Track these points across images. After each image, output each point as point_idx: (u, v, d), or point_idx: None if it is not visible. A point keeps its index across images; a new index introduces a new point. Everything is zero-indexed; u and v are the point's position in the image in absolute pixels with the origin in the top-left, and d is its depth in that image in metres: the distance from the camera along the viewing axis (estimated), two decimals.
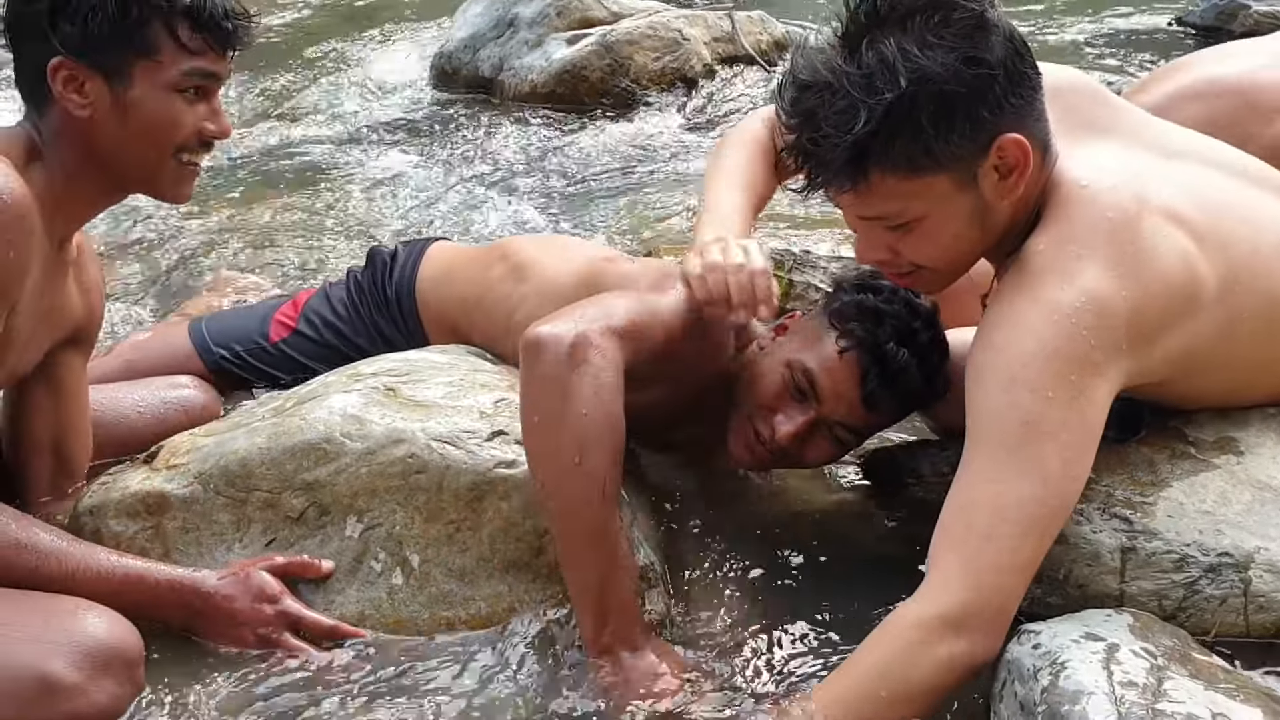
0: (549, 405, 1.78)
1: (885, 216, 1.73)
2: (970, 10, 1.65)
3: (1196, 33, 5.17)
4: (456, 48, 5.02)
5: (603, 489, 1.76)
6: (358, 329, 2.52)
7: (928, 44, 1.62)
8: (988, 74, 1.64)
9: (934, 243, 1.75)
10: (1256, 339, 1.80)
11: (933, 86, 1.62)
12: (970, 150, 1.67)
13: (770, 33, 5.00)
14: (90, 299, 2.16)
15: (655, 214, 3.63)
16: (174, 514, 1.93)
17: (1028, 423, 1.64)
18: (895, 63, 1.61)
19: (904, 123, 1.62)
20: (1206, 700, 1.47)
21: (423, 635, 1.88)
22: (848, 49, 1.66)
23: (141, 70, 1.87)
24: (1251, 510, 1.78)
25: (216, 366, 2.54)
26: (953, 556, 1.64)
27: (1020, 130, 1.68)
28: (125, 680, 1.74)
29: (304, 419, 1.96)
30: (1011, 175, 1.70)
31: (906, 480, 2.24)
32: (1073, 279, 1.67)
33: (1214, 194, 1.82)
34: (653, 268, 2.26)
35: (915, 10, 1.64)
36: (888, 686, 1.61)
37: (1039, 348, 1.65)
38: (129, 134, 1.89)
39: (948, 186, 1.69)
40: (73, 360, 2.18)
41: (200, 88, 1.91)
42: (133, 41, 1.86)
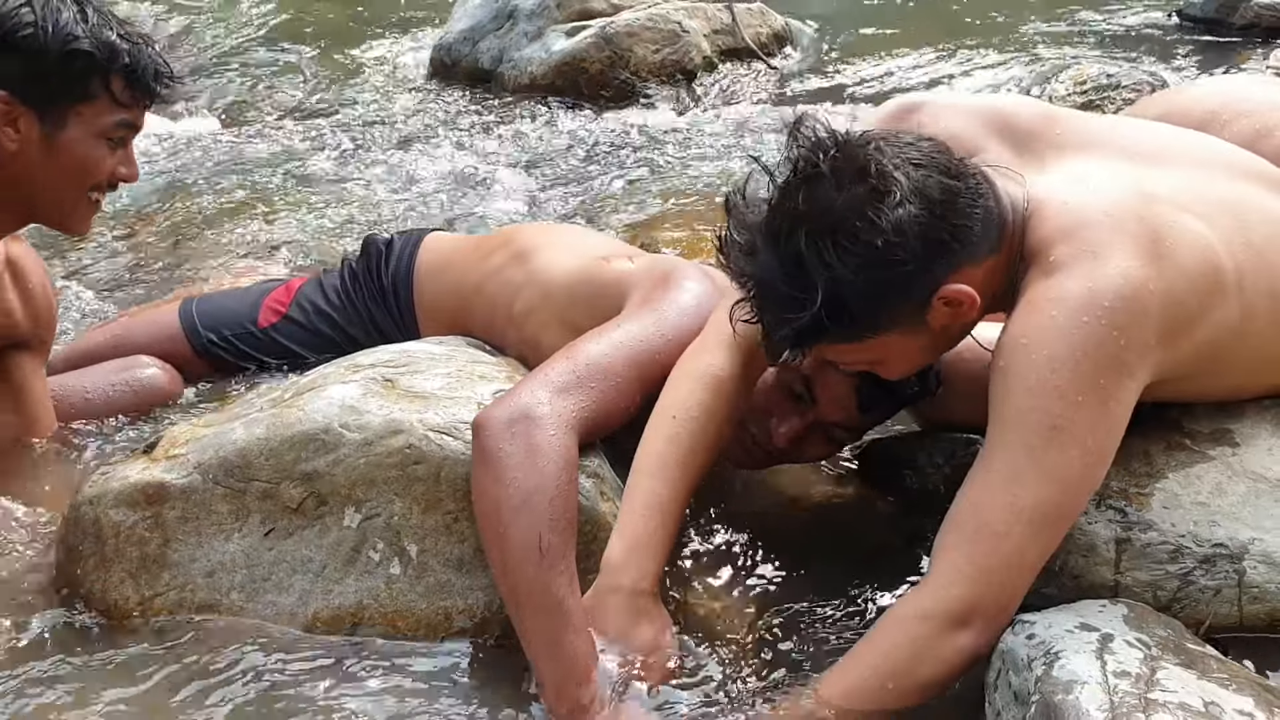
0: (480, 475, 1.81)
1: (845, 363, 1.82)
2: (872, 220, 1.62)
3: (1197, 25, 5.17)
4: (455, 40, 5.02)
5: (539, 553, 1.74)
6: (350, 318, 2.52)
7: (840, 247, 1.63)
8: (904, 269, 1.65)
9: (900, 370, 1.83)
10: (1266, 333, 1.79)
11: (850, 290, 1.64)
12: (908, 314, 1.70)
13: (770, 25, 5.00)
14: (34, 305, 2.23)
15: (654, 206, 3.63)
16: (173, 504, 1.94)
17: (1056, 428, 1.63)
18: (811, 267, 1.63)
19: (832, 319, 1.65)
20: (1199, 690, 1.48)
21: (421, 625, 1.89)
22: (771, 236, 1.68)
23: (75, 115, 2.01)
24: (1246, 502, 1.79)
25: (204, 350, 2.54)
26: (963, 552, 1.65)
27: (962, 267, 1.69)
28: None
29: (302, 410, 1.97)
30: (962, 307, 1.71)
31: (902, 472, 2.25)
32: (1098, 275, 1.65)
33: (1200, 189, 1.81)
34: (651, 268, 2.25)
35: (823, 214, 1.64)
36: (894, 679, 1.63)
37: (1069, 351, 1.63)
38: (53, 171, 2.03)
39: (896, 338, 1.73)
40: (27, 362, 2.25)
41: (123, 137, 2.07)
42: (72, 89, 2.00)
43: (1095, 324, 1.63)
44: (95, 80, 1.99)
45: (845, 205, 1.64)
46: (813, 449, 2.12)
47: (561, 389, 1.89)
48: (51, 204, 2.06)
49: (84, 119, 2.01)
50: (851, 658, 1.68)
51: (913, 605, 1.67)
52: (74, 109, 2.00)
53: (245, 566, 1.92)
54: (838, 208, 1.64)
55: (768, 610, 1.94)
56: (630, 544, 1.82)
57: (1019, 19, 5.39)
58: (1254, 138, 2.03)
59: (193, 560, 1.93)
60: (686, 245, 3.14)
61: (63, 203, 2.06)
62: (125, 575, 1.94)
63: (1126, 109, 2.95)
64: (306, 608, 1.91)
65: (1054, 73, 4.44)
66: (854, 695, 1.63)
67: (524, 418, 1.82)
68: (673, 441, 1.89)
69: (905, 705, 1.63)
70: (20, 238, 2.20)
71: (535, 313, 2.29)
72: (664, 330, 2.02)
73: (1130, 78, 4.28)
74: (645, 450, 1.90)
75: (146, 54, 2.04)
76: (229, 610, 1.91)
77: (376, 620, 1.89)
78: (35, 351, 2.25)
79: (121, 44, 2.00)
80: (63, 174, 2.02)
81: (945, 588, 1.64)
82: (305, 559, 1.92)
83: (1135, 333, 1.65)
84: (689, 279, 2.13)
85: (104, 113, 2.01)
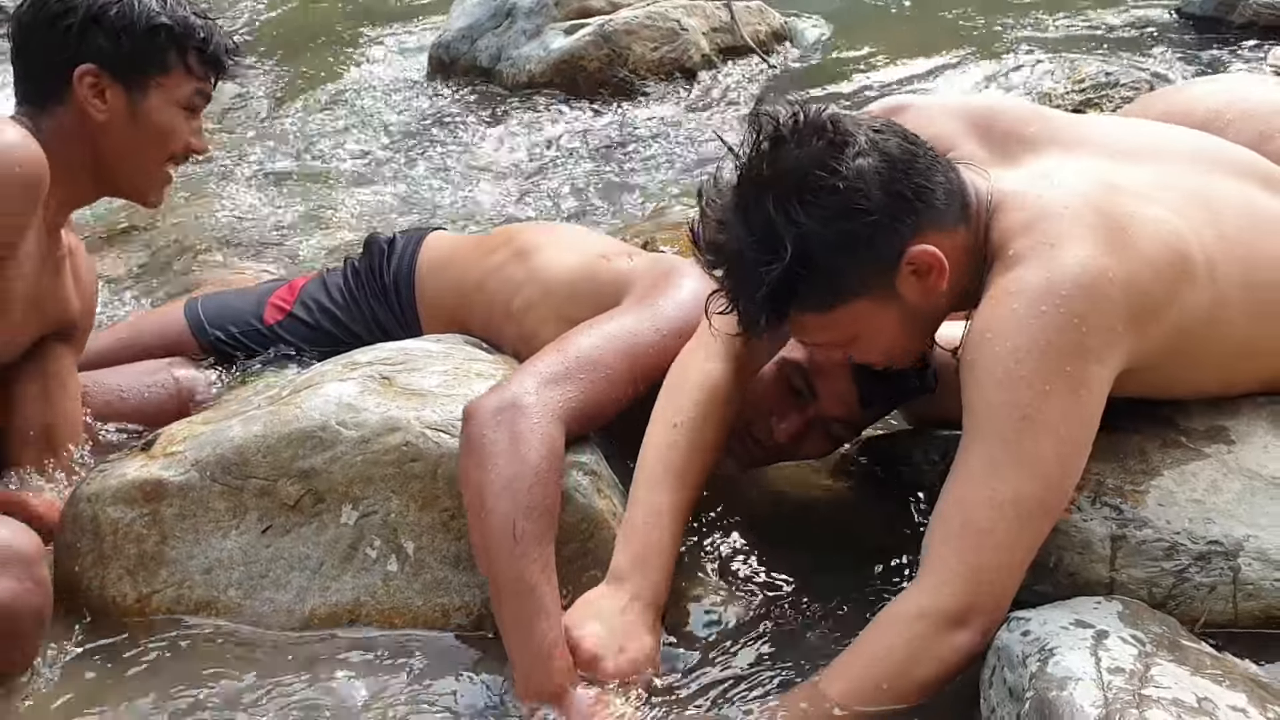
0: (464, 461, 1.83)
1: (820, 342, 1.82)
2: (834, 169, 1.68)
3: (1196, 23, 5.16)
4: (454, 38, 5.02)
5: (512, 538, 1.75)
6: (354, 315, 2.53)
7: (805, 203, 1.68)
8: (869, 219, 1.69)
9: (877, 349, 1.83)
10: (1241, 320, 1.80)
11: (817, 243, 1.68)
12: (877, 275, 1.73)
13: (769, 23, 5.00)
14: (84, 294, 2.29)
15: (652, 204, 3.63)
16: (171, 501, 1.94)
17: (1026, 418, 1.64)
18: (778, 226, 1.68)
19: (800, 280, 1.68)
20: (1193, 686, 1.48)
21: (418, 622, 1.89)
22: (739, 210, 1.73)
23: (155, 86, 2.16)
24: (1241, 499, 1.79)
25: (211, 347, 2.56)
26: (951, 551, 1.65)
27: (932, 231, 1.73)
28: (25, 577, 1.76)
29: (300, 407, 1.97)
30: (930, 275, 1.73)
31: (899, 468, 2.26)
32: (1055, 266, 1.67)
33: (1170, 181, 1.82)
34: (651, 266, 2.25)
35: (782, 176, 1.69)
36: (891, 679, 1.63)
37: (1031, 341, 1.65)
38: (138, 139, 2.16)
39: (869, 306, 1.75)
40: (63, 353, 2.27)
41: (196, 107, 2.22)
42: (153, 61, 2.15)
43: (1054, 312, 1.65)
44: (173, 53, 2.16)
45: (807, 158, 1.69)
46: (812, 445, 2.13)
47: (550, 380, 1.90)
48: (134, 171, 2.19)
49: (164, 89, 2.16)
50: (848, 657, 1.68)
51: (907, 605, 1.67)
52: (154, 80, 2.15)
53: (243, 564, 1.93)
54: (800, 162, 1.69)
55: (763, 607, 1.94)
56: (634, 556, 1.82)
57: (1018, 17, 5.38)
58: (1258, 140, 2.03)
59: (190, 557, 1.94)
60: (684, 244, 3.14)
61: (145, 171, 2.19)
62: (123, 572, 1.94)
63: (1127, 107, 2.95)
64: (304, 605, 1.91)
65: (1053, 71, 4.44)
66: (851, 695, 1.63)
67: (511, 406, 1.84)
68: (672, 448, 1.90)
69: (903, 704, 1.64)
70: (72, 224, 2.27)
71: (534, 309, 2.30)
72: (658, 324, 2.03)
73: (1129, 76, 4.28)
74: (645, 459, 1.91)
75: (216, 30, 2.21)
76: (226, 607, 1.92)
77: (374, 617, 1.90)
78: (74, 342, 2.31)
79: (195, 20, 2.18)
80: (146, 141, 2.16)
81: (938, 586, 1.65)
82: (302, 556, 1.92)
83: (1097, 319, 1.66)
84: (687, 276, 2.14)
85: (181, 83, 2.17)
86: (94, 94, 2.11)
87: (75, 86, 2.10)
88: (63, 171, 2.06)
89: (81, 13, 2.10)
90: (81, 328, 2.31)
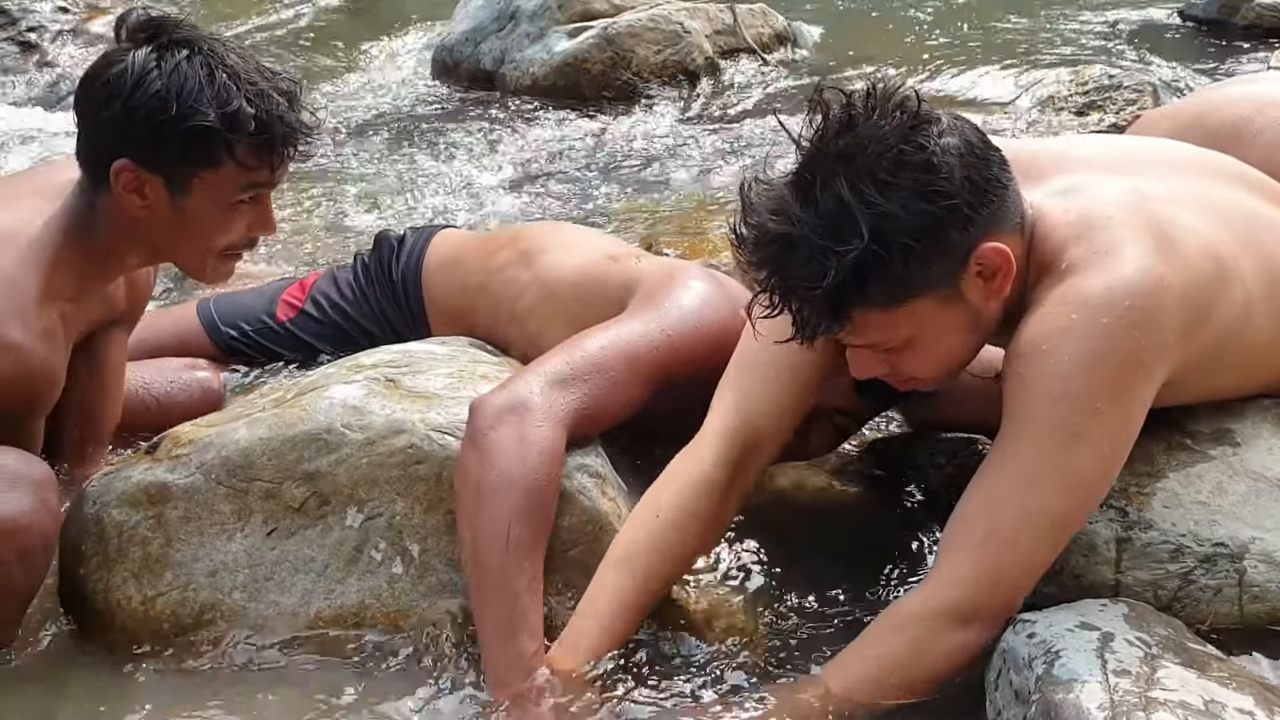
0: (465, 455, 1.84)
1: (874, 344, 1.71)
2: (920, 144, 1.60)
3: (1199, 26, 5.16)
4: (457, 40, 5.02)
5: (505, 541, 1.75)
6: (364, 311, 2.54)
7: (883, 184, 1.58)
8: (950, 203, 1.60)
9: (928, 358, 1.73)
10: (1266, 321, 1.79)
11: (896, 227, 1.58)
12: (948, 270, 1.65)
13: (772, 25, 5.00)
14: (137, 287, 2.25)
15: (656, 206, 3.63)
16: (176, 504, 1.94)
17: (1074, 435, 1.61)
18: (853, 208, 1.57)
19: (874, 268, 1.59)
20: (1199, 689, 1.48)
21: (422, 624, 1.89)
22: (802, 194, 1.61)
23: (199, 182, 1.96)
24: (1247, 501, 1.79)
25: (226, 345, 2.57)
26: (970, 554, 1.64)
27: (997, 232, 1.66)
28: (36, 500, 1.80)
29: (305, 410, 1.97)
30: (996, 278, 1.67)
31: (905, 471, 2.26)
32: (1115, 274, 1.62)
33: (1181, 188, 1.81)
34: (658, 268, 2.25)
35: (863, 150, 1.60)
36: (896, 675, 1.64)
37: (1090, 356, 1.60)
38: (182, 236, 2.01)
39: (933, 306, 1.66)
40: (114, 335, 2.27)
41: (257, 197, 2.02)
42: (194, 155, 1.94)
43: (1115, 324, 1.60)
44: (220, 147, 1.94)
45: (890, 132, 1.59)
46: (817, 439, 2.13)
47: (556, 382, 1.90)
48: (187, 261, 2.08)
49: (209, 185, 1.96)
50: (853, 651, 1.68)
51: (916, 602, 1.67)
52: (198, 176, 1.96)
53: (247, 566, 1.93)
54: (883, 136, 1.59)
55: (768, 607, 1.94)
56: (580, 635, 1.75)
57: (1020, 20, 5.39)
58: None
59: (195, 560, 1.93)
60: (689, 246, 3.14)
61: (194, 261, 2.07)
62: (128, 575, 1.94)
63: (1153, 111, 2.92)
64: (309, 607, 1.91)
65: (1057, 74, 4.44)
66: (855, 689, 1.64)
67: (517, 407, 1.84)
68: (650, 536, 1.81)
69: (905, 700, 1.64)
70: None
71: (538, 311, 2.30)
72: (665, 327, 2.03)
73: (1132, 79, 4.28)
74: (620, 538, 1.83)
75: (276, 116, 1.96)
76: (231, 610, 1.91)
77: (379, 620, 1.90)
78: (123, 326, 2.29)
79: (247, 109, 1.93)
80: (191, 239, 2.01)
81: (950, 587, 1.64)
82: (307, 559, 1.92)
83: (1154, 332, 1.63)
84: (694, 279, 2.14)
85: (230, 179, 1.97)
86: (132, 189, 1.96)
87: (112, 181, 1.95)
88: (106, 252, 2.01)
89: (120, 102, 1.92)
90: (134, 311, 2.29)
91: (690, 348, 2.02)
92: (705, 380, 2.04)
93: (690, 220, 3.42)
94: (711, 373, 2.06)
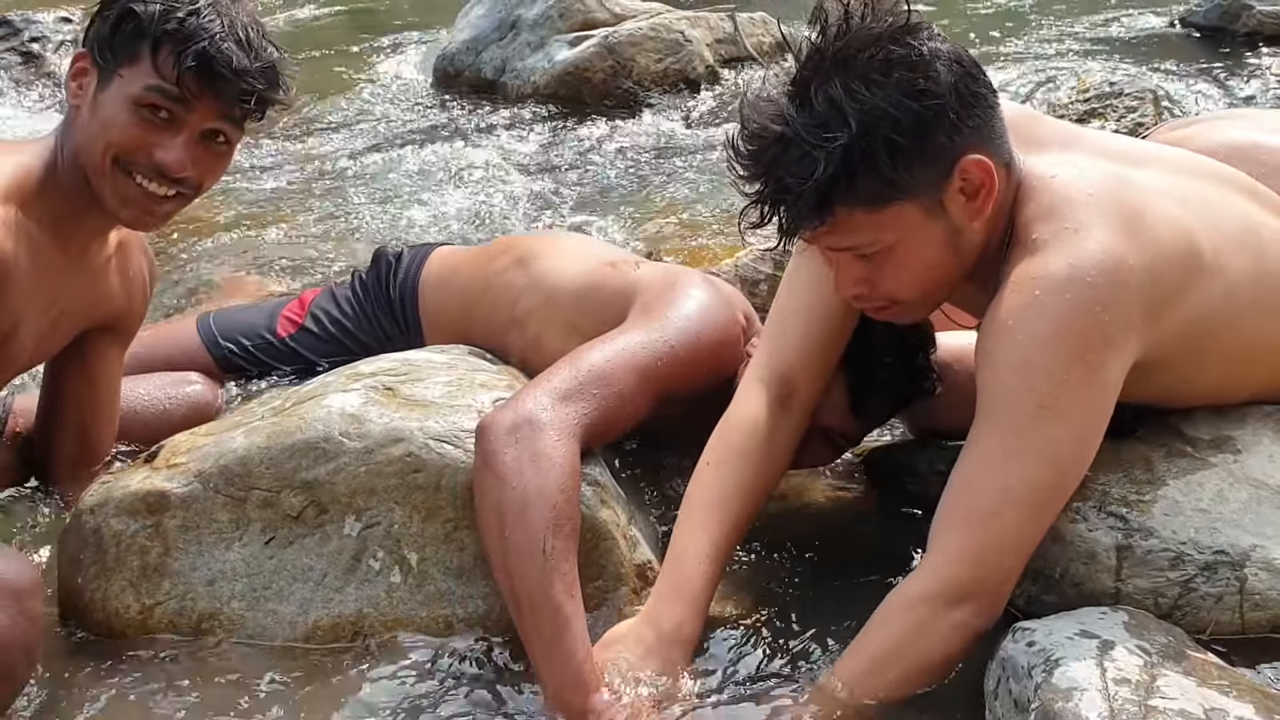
0: (483, 478, 1.82)
1: (857, 246, 1.75)
2: (909, 45, 1.67)
3: (1200, 33, 5.17)
4: (459, 49, 5.03)
5: (541, 556, 1.74)
6: (362, 327, 2.56)
7: (873, 82, 1.65)
8: (936, 103, 1.66)
9: (909, 271, 1.76)
10: (1248, 317, 1.80)
11: (884, 122, 1.64)
12: (932, 176, 1.69)
13: (772, 34, 5.01)
14: (131, 289, 2.22)
15: (657, 215, 3.63)
16: (174, 512, 1.94)
17: (1043, 406, 1.65)
18: (843, 105, 1.64)
19: (862, 161, 1.65)
20: (1200, 697, 1.47)
21: (421, 634, 1.89)
22: (798, 98, 1.68)
23: (118, 77, 1.93)
24: (1248, 509, 1.78)
25: (224, 361, 2.58)
26: (957, 534, 1.67)
27: (981, 150, 1.71)
28: (16, 613, 1.66)
29: (303, 418, 1.97)
30: (978, 196, 1.72)
31: (904, 478, 2.26)
32: (1078, 252, 1.66)
33: (1173, 182, 1.83)
34: (657, 275, 2.25)
35: (857, 53, 1.67)
36: (901, 664, 1.65)
37: (1054, 328, 1.64)
38: (88, 132, 1.95)
39: (916, 214, 1.71)
40: (108, 349, 2.25)
41: (167, 112, 1.93)
42: (121, 43, 1.93)
43: (1077, 300, 1.64)
44: (144, 40, 1.91)
45: (882, 33, 1.67)
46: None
47: (564, 396, 1.89)
48: (90, 170, 1.96)
49: (123, 81, 1.93)
50: (857, 647, 1.70)
51: (911, 589, 1.69)
52: (120, 71, 1.93)
53: (246, 575, 1.92)
54: (875, 37, 1.66)
55: (768, 614, 1.94)
56: (663, 594, 1.82)
57: (1021, 28, 5.39)
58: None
59: (193, 569, 1.93)
60: (689, 254, 3.14)
61: (96, 170, 1.96)
62: (126, 584, 1.94)
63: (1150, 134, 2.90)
64: (307, 616, 1.90)
65: (1057, 81, 4.44)
66: (857, 677, 1.66)
67: (527, 423, 1.83)
68: (708, 489, 1.90)
69: (911, 688, 1.66)
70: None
71: (536, 314, 2.31)
72: (667, 336, 2.03)
73: (1133, 86, 4.28)
74: (686, 499, 1.91)
75: (217, 45, 1.91)
76: (229, 619, 1.91)
77: (377, 629, 1.89)
78: (121, 337, 2.26)
79: (188, 20, 1.91)
80: (90, 136, 1.95)
81: (941, 568, 1.67)
82: (306, 568, 1.92)
83: (1118, 307, 1.66)
84: (694, 286, 2.14)
85: (140, 76, 1.92)
86: (77, 79, 1.97)
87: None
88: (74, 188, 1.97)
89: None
90: (128, 322, 2.27)
91: (693, 356, 2.03)
92: (706, 387, 2.05)
93: (690, 228, 3.42)
94: (712, 380, 2.06)
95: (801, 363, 1.96)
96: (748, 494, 1.92)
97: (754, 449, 1.92)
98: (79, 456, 2.27)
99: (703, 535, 1.85)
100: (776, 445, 1.95)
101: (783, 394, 1.96)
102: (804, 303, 1.97)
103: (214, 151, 2.01)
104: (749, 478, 1.92)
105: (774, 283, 2.83)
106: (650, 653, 1.75)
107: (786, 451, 1.98)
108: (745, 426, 1.94)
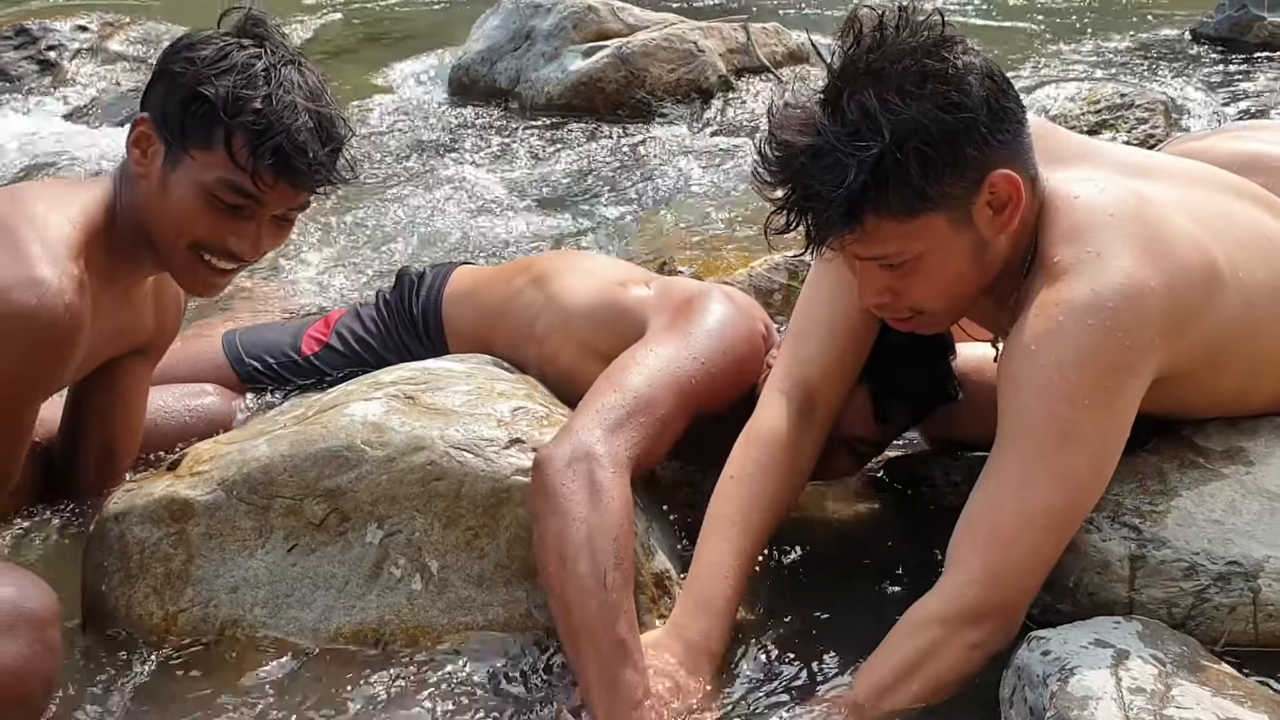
0: (543, 511, 1.82)
1: (884, 256, 1.76)
2: (943, 58, 1.68)
3: (1212, 45, 5.17)
4: (474, 60, 5.06)
5: (604, 589, 1.75)
6: (387, 345, 2.59)
7: (907, 94, 1.66)
8: (968, 116, 1.68)
9: (934, 282, 1.78)
10: (1266, 328, 1.82)
11: (916, 134, 1.66)
12: (961, 189, 1.71)
13: (785, 44, 5.02)
14: (165, 315, 2.25)
15: (671, 225, 3.64)
16: (197, 520, 1.96)
17: (1064, 432, 1.67)
18: (876, 114, 1.66)
19: (893, 171, 1.66)
20: (1214, 707, 1.49)
21: (441, 641, 1.90)
22: (829, 106, 1.70)
23: (189, 160, 1.93)
24: (1261, 519, 1.80)
25: (249, 377, 2.61)
26: (976, 556, 1.70)
27: (1010, 165, 1.73)
28: (34, 641, 1.65)
29: (325, 427, 1.99)
30: (1005, 210, 1.74)
31: (921, 488, 2.27)
32: (1100, 277, 1.68)
33: (1188, 195, 1.84)
34: (672, 291, 2.26)
35: (892, 64, 1.68)
36: (918, 680, 1.68)
37: (1076, 356, 1.66)
38: (157, 210, 1.96)
39: (943, 225, 1.73)
40: (137, 367, 2.27)
41: (236, 205, 1.94)
42: (193, 129, 1.92)
43: (1099, 326, 1.66)
44: (217, 129, 1.90)
45: (917, 47, 1.68)
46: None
47: (614, 426, 1.90)
48: (160, 245, 1.99)
49: (196, 166, 1.92)
50: (873, 659, 1.73)
51: (928, 607, 1.72)
52: (191, 154, 1.92)
53: (268, 583, 1.94)
54: (910, 51, 1.67)
55: (785, 626, 1.95)
56: (690, 606, 1.84)
57: (1033, 39, 5.40)
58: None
59: (216, 576, 1.95)
60: (704, 265, 3.16)
61: (163, 246, 1.98)
62: (150, 591, 1.96)
63: (1163, 147, 2.91)
64: (329, 624, 1.92)
65: (1069, 93, 4.45)
66: (878, 696, 1.68)
67: (584, 456, 1.84)
68: (731, 502, 1.92)
69: (927, 702, 1.68)
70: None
71: (554, 334, 2.33)
72: (696, 353, 2.04)
73: (1144, 97, 4.29)
74: (710, 511, 1.93)
75: (289, 131, 1.89)
76: (252, 626, 1.93)
77: (398, 636, 1.91)
78: (149, 358, 2.28)
79: (258, 106, 1.88)
80: (166, 217, 1.95)
81: (959, 588, 1.70)
82: (328, 575, 1.94)
83: (1139, 332, 1.68)
84: (712, 300, 2.16)
85: (214, 167, 1.91)
86: (139, 145, 1.96)
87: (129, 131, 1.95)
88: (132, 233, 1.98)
89: (163, 59, 1.96)
90: (159, 343, 2.28)
91: (723, 371, 2.05)
92: (731, 399, 2.06)
93: (705, 238, 3.43)
94: (735, 392, 2.08)
95: (822, 373, 1.98)
96: (770, 506, 1.93)
97: (776, 461, 1.94)
98: (102, 471, 2.28)
99: (726, 548, 1.87)
100: (799, 457, 1.97)
101: (804, 405, 1.97)
102: (825, 313, 1.99)
103: (281, 228, 2.05)
104: (772, 490, 1.94)
105: (788, 292, 2.84)
106: (678, 664, 1.77)
107: (808, 463, 2.00)
108: (767, 438, 1.96)
